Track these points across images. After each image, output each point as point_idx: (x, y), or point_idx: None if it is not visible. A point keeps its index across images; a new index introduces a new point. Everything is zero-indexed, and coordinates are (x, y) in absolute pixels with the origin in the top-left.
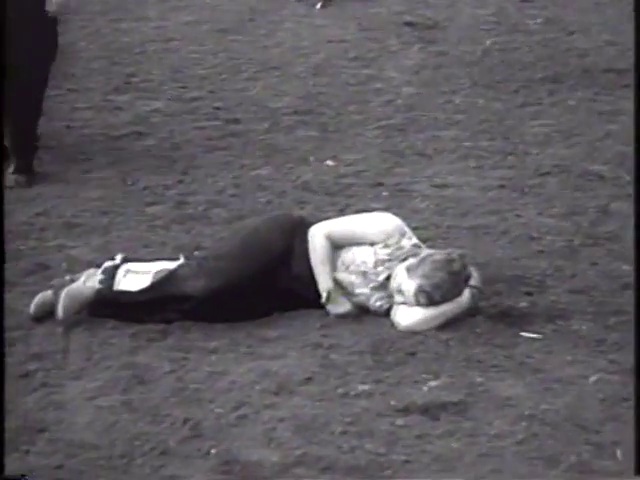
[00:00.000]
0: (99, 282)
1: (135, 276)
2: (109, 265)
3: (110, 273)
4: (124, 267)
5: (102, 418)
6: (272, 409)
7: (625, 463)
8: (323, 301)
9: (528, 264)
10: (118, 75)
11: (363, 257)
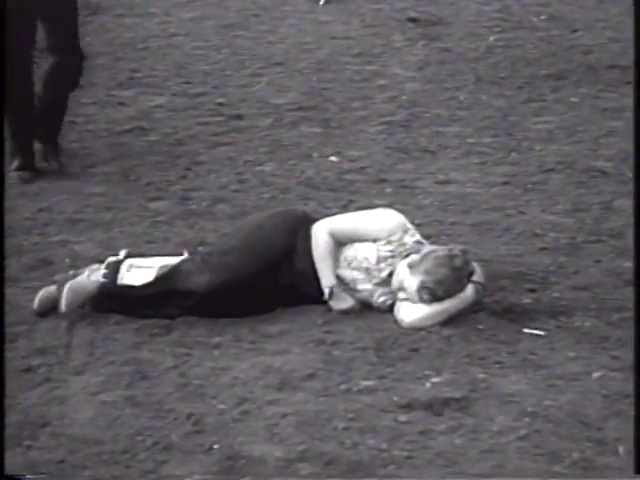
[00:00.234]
0: (102, 276)
1: (139, 271)
2: (112, 260)
3: (114, 268)
4: (128, 262)
5: (105, 413)
6: (275, 405)
7: (628, 460)
8: (326, 298)
9: (531, 261)
10: (122, 70)
11: (365, 253)
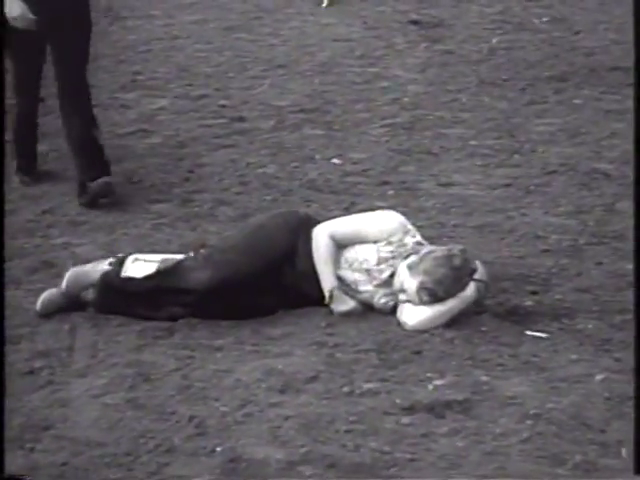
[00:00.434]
0: (107, 265)
1: (142, 263)
2: (120, 255)
3: (120, 260)
4: (134, 255)
5: (107, 416)
6: (277, 407)
7: (630, 462)
8: (327, 301)
9: (534, 263)
10: (124, 73)
11: (366, 255)
